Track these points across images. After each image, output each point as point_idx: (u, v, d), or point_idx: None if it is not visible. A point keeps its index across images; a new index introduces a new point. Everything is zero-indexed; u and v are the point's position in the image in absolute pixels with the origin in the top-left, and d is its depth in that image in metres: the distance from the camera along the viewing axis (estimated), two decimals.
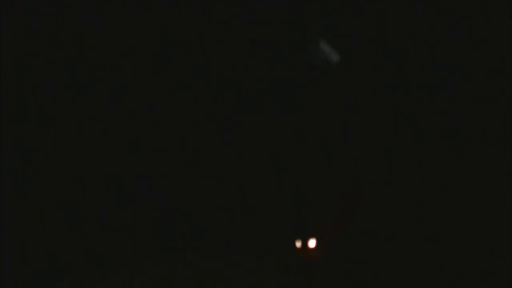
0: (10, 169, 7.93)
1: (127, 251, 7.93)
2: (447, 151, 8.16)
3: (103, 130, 8.18)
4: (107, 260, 7.85)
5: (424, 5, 8.16)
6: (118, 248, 7.93)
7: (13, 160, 7.96)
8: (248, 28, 8.26)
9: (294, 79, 8.28)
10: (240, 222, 8.06)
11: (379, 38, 8.25)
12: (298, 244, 7.63)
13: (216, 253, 7.91)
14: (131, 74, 8.25)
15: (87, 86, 8.21)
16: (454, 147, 8.17)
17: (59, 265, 7.75)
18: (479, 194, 7.94)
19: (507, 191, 7.83)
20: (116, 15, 8.15)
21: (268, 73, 8.31)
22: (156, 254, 7.91)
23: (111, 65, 8.21)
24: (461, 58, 8.19)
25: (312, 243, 7.66)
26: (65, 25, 8.11)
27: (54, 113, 8.12)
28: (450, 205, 7.96)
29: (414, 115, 8.26)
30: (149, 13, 8.22)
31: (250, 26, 8.26)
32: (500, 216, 7.80)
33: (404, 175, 8.16)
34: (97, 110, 8.19)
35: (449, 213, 7.99)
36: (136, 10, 8.20)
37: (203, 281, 7.55)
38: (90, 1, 8.11)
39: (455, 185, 8.04)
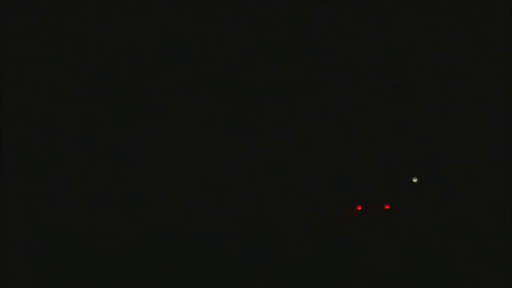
0: (10, 169, 7.93)
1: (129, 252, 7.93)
2: (447, 150, 8.16)
3: (103, 130, 8.17)
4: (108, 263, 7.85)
5: (424, 5, 8.16)
6: (120, 249, 7.92)
7: (13, 160, 7.95)
8: (248, 28, 8.26)
9: (295, 79, 8.28)
10: None
11: (379, 38, 8.24)
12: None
13: None
14: (131, 74, 8.24)
15: (87, 86, 8.20)
16: (454, 145, 8.17)
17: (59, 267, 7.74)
18: (480, 193, 7.95)
19: (507, 191, 7.84)
20: (116, 15, 8.15)
21: (267, 73, 8.31)
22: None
23: (111, 65, 8.20)
24: (461, 58, 8.19)
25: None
26: (65, 25, 8.10)
27: (54, 113, 8.11)
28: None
29: (414, 114, 8.26)
30: (149, 13, 8.21)
31: (250, 26, 8.26)
32: (500, 215, 7.80)
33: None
34: (97, 110, 8.18)
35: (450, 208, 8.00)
36: (136, 10, 8.19)
37: None
38: (90, 1, 8.11)
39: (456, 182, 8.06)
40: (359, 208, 8.09)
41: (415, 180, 7.94)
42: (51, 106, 8.10)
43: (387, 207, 8.04)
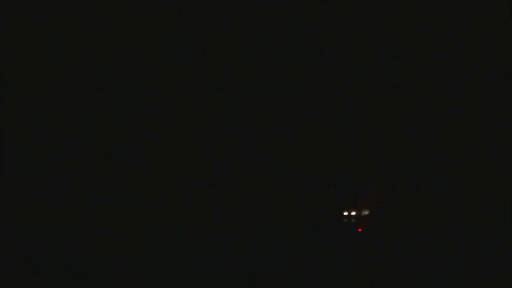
0: (10, 169, 7.93)
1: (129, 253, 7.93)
2: (447, 150, 8.17)
3: (103, 130, 8.17)
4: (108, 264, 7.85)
5: (424, 5, 8.17)
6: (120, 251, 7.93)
7: (13, 160, 7.96)
8: (248, 28, 8.26)
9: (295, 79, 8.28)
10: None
11: (379, 38, 8.25)
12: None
13: None
14: (131, 74, 8.25)
15: (87, 86, 8.20)
16: (454, 145, 8.17)
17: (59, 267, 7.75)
18: (480, 193, 7.95)
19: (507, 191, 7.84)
20: (116, 15, 8.15)
21: (267, 73, 8.31)
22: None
23: (111, 65, 8.21)
24: (461, 58, 8.19)
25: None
26: (65, 25, 8.11)
27: (54, 113, 8.12)
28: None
29: (414, 114, 8.26)
30: (149, 13, 8.21)
31: (250, 26, 8.26)
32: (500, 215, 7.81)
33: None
34: (97, 110, 8.18)
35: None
36: (136, 10, 8.19)
37: None
38: (90, 1, 8.11)
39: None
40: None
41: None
42: (51, 106, 8.10)
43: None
